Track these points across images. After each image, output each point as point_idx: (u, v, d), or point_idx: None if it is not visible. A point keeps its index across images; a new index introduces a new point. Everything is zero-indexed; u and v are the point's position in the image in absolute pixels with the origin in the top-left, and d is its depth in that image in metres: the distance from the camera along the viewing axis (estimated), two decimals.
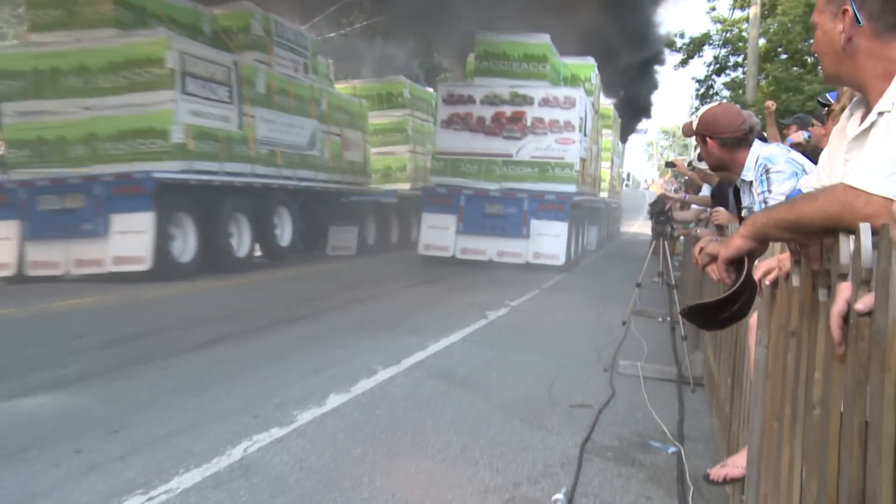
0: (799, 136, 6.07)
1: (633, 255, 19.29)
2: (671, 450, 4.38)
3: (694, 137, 4.03)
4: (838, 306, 1.58)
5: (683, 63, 24.14)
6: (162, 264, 10.94)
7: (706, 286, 6.09)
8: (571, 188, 14.93)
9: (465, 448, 4.28)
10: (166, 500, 3.36)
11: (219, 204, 12.29)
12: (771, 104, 6.95)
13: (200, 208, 11.90)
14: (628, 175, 37.08)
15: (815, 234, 1.85)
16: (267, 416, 4.67)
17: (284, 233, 14.62)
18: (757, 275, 2.40)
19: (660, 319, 8.54)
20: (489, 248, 14.75)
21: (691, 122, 4.00)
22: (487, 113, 15.08)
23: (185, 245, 11.73)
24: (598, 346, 7.40)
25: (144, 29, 11.74)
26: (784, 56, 20.72)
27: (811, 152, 4.24)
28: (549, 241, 14.56)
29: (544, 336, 7.95)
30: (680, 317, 6.79)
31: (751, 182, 3.67)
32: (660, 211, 7.70)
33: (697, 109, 25.50)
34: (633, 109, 32.10)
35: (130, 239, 10.73)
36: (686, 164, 8.15)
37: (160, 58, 11.12)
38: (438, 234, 14.95)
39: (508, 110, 15.02)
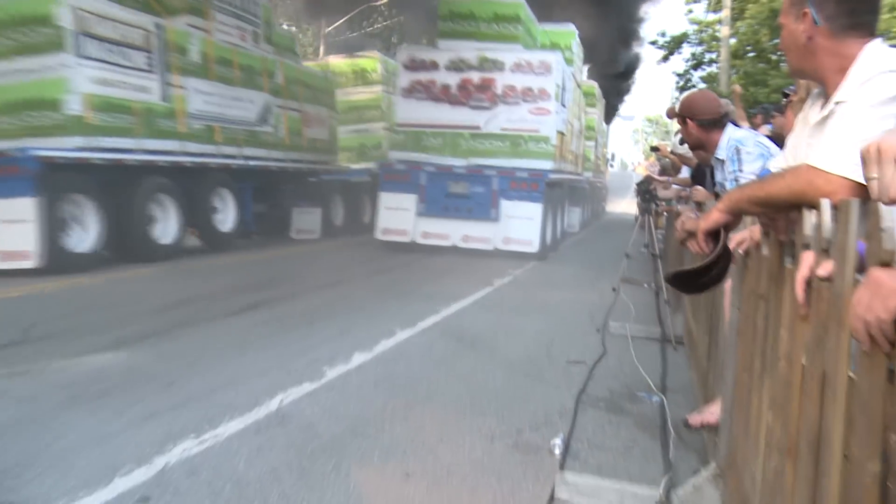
0: (764, 129, 6.15)
1: (617, 231, 19.23)
2: (655, 399, 4.42)
3: (676, 120, 4.07)
4: (802, 272, 1.60)
5: (665, 59, 24.47)
6: (56, 257, 8.24)
7: (686, 256, 6.10)
8: (547, 164, 11.74)
9: (474, 399, 4.33)
10: (214, 444, 3.43)
11: (134, 185, 9.45)
12: (738, 88, 6.99)
13: (108, 191, 9.09)
14: (613, 156, 33.50)
15: (782, 209, 1.88)
16: (299, 372, 4.71)
17: (227, 217, 11.67)
18: (731, 245, 2.42)
19: (645, 286, 8.55)
20: (453, 232, 11.69)
21: (674, 106, 4.09)
22: (453, 80, 11.88)
23: (87, 234, 8.90)
24: (591, 310, 7.43)
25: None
26: (752, 54, 21.34)
27: (776, 138, 4.33)
28: (522, 224, 11.44)
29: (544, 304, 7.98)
30: (664, 282, 6.81)
31: (723, 160, 3.74)
32: (645, 189, 7.69)
33: (677, 100, 25.75)
34: (616, 88, 30.13)
35: (10, 230, 7.99)
36: (667, 149, 8.13)
37: (46, 14, 8.33)
38: (397, 216, 11.87)
39: (476, 77, 11.82)
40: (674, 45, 23.88)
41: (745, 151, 3.59)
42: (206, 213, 11.26)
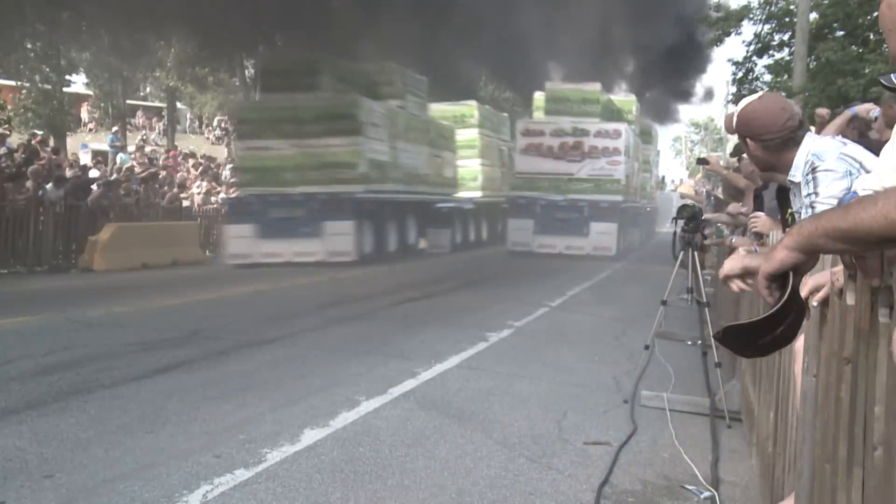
0: (865, 110, 5.73)
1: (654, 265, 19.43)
2: (704, 495, 4.37)
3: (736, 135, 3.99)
4: None
5: (718, 42, 23.72)
6: (362, 255, 18.02)
7: (743, 304, 6.10)
8: (619, 198, 22.83)
9: (461, 491, 4.27)
10: None
11: (381, 213, 19.50)
12: (823, 112, 6.82)
13: (373, 217, 19.01)
14: (663, 178, 47.54)
15: (874, 245, 1.83)
16: (230, 455, 4.65)
17: (412, 234, 21.97)
18: (804, 292, 2.39)
19: (689, 343, 8.54)
20: (559, 243, 22.31)
21: (732, 116, 3.91)
22: (555, 142, 22.89)
23: (372, 240, 18.87)
24: (616, 374, 7.40)
25: (336, 92, 18.99)
26: (840, 33, 20.11)
27: (875, 146, 4.08)
28: (604, 237, 22.17)
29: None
30: (713, 340, 6.79)
31: (800, 183, 3.60)
32: (689, 217, 7.69)
33: (733, 97, 25.43)
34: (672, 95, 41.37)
35: (338, 239, 17.63)
36: (719, 162, 8.16)
37: (353, 113, 18.25)
38: (521, 234, 22.93)
39: (570, 140, 22.85)
40: (731, 23, 23.17)
41: (822, 168, 3.44)
42: (404, 231, 21.20)
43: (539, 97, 25.54)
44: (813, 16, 19.84)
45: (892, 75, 3.36)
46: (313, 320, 9.96)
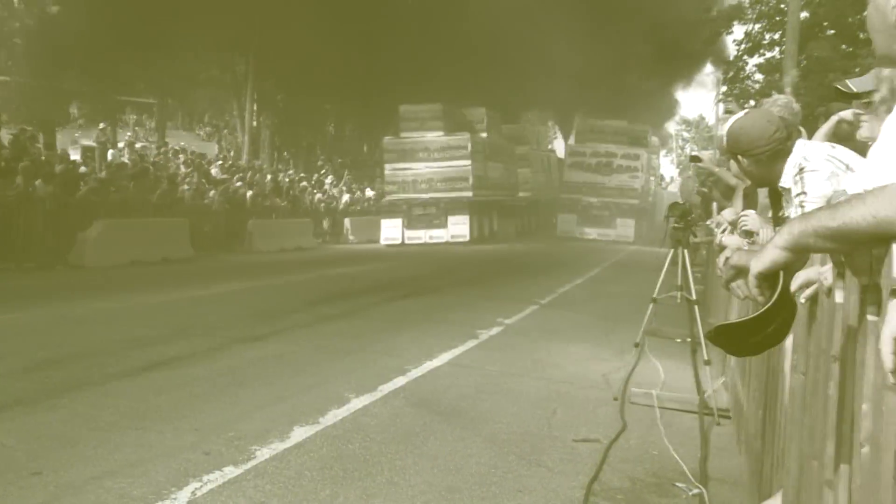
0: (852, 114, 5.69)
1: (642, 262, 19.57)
2: (693, 492, 4.38)
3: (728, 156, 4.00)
4: (890, 327, 1.56)
5: (711, 41, 23.86)
6: (475, 237, 28.47)
7: (734, 302, 6.11)
8: (636, 202, 34.92)
9: (451, 487, 4.27)
10: None
11: (481, 210, 29.97)
12: (847, 115, 6.73)
13: (477, 212, 29.30)
14: (661, 176, 60.24)
15: (862, 244, 1.83)
16: (220, 452, 4.65)
17: (495, 223, 31.89)
18: (794, 285, 2.39)
19: (678, 340, 8.56)
20: (594, 232, 33.57)
21: (721, 138, 3.95)
22: (593, 161, 34.89)
23: (476, 228, 29.37)
24: (606, 371, 7.41)
25: (451, 130, 28.47)
26: (831, 32, 20.32)
27: (862, 148, 4.10)
28: (626, 229, 33.59)
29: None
30: (703, 338, 6.81)
31: (790, 189, 3.60)
32: (679, 214, 7.71)
33: (725, 96, 25.40)
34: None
35: (459, 227, 28.10)
36: (712, 160, 8.16)
37: (464, 145, 28.26)
38: (567, 225, 34.92)
39: (604, 160, 34.74)
40: (723, 23, 23.19)
41: (809, 169, 3.45)
42: (491, 223, 31.75)
43: (580, 122, 37.76)
44: (804, 14, 19.84)
45: (848, 80, 3.34)
46: (303, 317, 9.94)
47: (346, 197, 32.46)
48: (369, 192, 34.71)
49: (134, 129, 38.01)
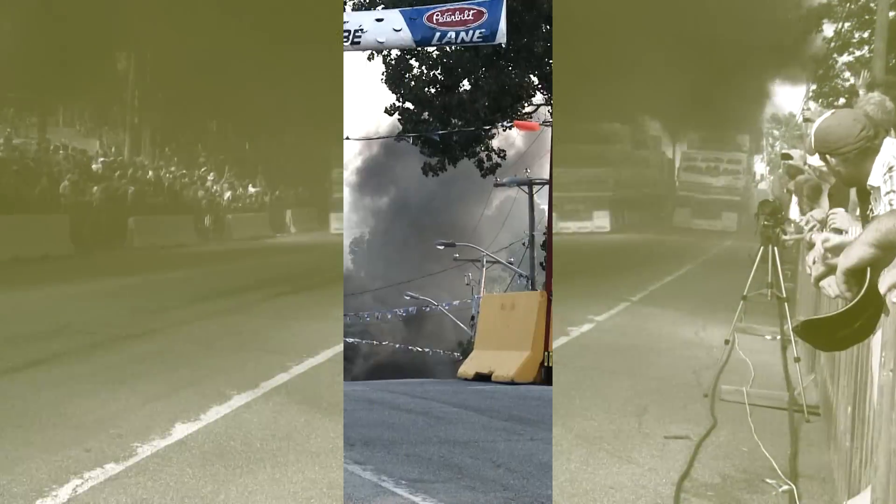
0: None
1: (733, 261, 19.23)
2: (783, 488, 4.39)
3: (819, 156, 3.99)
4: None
5: (808, 35, 23.26)
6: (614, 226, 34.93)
7: (823, 299, 6.05)
8: (738, 198, 39.13)
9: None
10: None
11: (611, 206, 35.98)
12: None
13: (609, 208, 36.22)
14: (754, 174, 62.68)
15: None
16: (101, 449, 4.68)
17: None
18: (882, 288, 2.43)
19: (768, 337, 8.46)
20: (704, 224, 37.28)
21: (811, 138, 3.95)
22: (703, 164, 40.47)
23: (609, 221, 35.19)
24: (696, 368, 7.39)
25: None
26: None
27: None
28: (729, 221, 36.95)
29: None
30: (792, 334, 6.74)
31: (879, 187, 3.57)
32: (770, 212, 7.63)
33: (813, 95, 24.75)
34: None
35: (600, 221, 34.61)
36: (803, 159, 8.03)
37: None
38: (683, 218, 39.08)
39: (712, 164, 39.85)
40: (811, 23, 22.70)
41: None
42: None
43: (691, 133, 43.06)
44: (892, 14, 19.38)
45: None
46: (184, 314, 9.95)
47: (227, 194, 30.78)
48: (251, 189, 33.26)
49: (13, 124, 35.44)
